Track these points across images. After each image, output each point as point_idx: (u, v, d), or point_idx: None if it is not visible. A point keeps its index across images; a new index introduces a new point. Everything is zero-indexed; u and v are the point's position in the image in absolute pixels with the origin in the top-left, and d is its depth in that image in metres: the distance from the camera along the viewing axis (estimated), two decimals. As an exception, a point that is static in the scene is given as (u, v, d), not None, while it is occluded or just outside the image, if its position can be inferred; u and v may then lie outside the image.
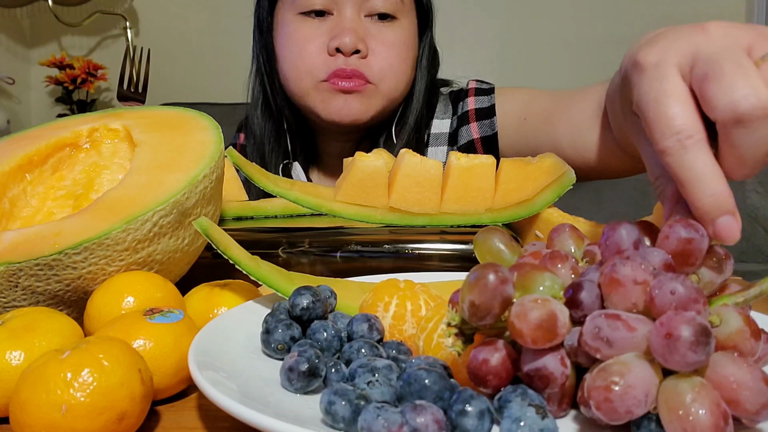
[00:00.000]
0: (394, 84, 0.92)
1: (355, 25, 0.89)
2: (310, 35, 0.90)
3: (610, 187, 1.61)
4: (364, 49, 0.89)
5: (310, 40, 0.90)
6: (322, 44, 0.89)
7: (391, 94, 0.92)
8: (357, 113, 0.90)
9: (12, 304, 0.45)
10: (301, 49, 0.90)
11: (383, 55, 0.90)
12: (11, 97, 2.22)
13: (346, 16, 0.89)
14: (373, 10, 0.90)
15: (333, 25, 0.90)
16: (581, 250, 0.38)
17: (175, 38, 2.20)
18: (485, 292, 0.30)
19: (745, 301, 0.32)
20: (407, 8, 0.94)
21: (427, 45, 0.98)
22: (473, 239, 0.40)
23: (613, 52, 2.01)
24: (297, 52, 0.91)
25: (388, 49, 0.90)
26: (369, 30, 0.90)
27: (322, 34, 0.90)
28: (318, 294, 0.40)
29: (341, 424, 0.29)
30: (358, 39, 0.88)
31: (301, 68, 0.91)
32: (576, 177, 0.60)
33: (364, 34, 0.90)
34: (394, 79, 0.91)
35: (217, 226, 0.46)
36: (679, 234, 0.32)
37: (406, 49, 0.93)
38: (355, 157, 0.63)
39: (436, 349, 0.35)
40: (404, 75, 0.93)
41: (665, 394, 0.27)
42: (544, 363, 0.30)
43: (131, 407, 0.32)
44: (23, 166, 0.56)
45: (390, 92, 0.92)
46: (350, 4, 0.89)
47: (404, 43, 0.92)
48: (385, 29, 0.91)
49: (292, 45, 0.91)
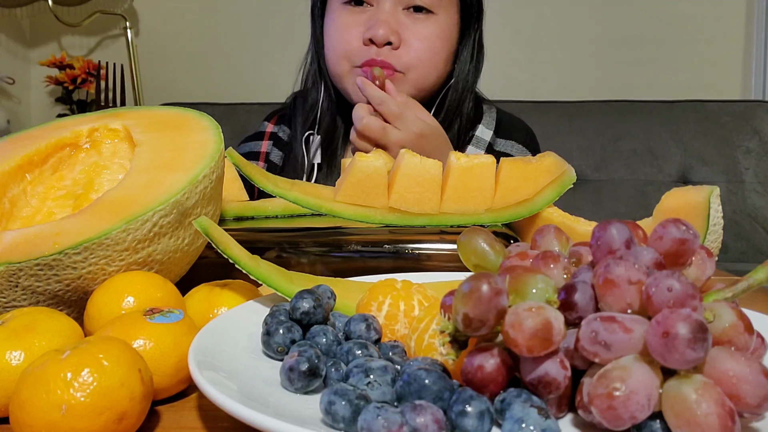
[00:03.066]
0: (423, 75, 0.97)
1: (390, 18, 0.94)
2: (350, 23, 0.97)
3: (610, 187, 1.61)
4: (396, 41, 0.94)
5: (349, 28, 0.97)
6: (359, 33, 0.96)
7: (419, 83, 0.97)
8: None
9: (12, 304, 0.45)
10: (340, 36, 0.98)
11: (414, 47, 0.95)
12: (11, 97, 2.22)
13: (384, 8, 0.95)
14: (411, 2, 0.96)
15: (370, 16, 0.96)
16: (566, 251, 0.37)
17: (176, 38, 2.20)
18: (479, 305, 0.29)
19: (734, 296, 0.32)
20: (447, 3, 0.98)
21: (470, 41, 1.02)
22: (456, 240, 0.39)
23: (613, 52, 2.02)
24: (337, 38, 0.99)
25: (420, 42, 0.96)
26: (403, 22, 0.96)
27: (360, 24, 0.96)
28: (320, 298, 0.40)
29: (341, 424, 0.29)
30: (390, 31, 0.94)
31: (339, 53, 0.98)
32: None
33: (398, 26, 0.95)
34: (423, 71, 0.97)
35: (217, 226, 0.46)
36: (673, 234, 0.32)
37: (441, 42, 0.97)
38: (355, 158, 0.63)
39: (427, 349, 0.35)
40: (435, 67, 0.98)
41: (669, 399, 0.27)
42: (546, 369, 0.30)
43: (131, 407, 0.32)
44: (23, 166, 0.56)
45: (418, 82, 0.97)
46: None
47: (438, 37, 0.97)
48: (420, 22, 0.96)
49: (334, 31, 0.99)
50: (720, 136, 1.60)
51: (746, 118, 1.60)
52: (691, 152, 1.60)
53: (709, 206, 0.56)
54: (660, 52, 2.00)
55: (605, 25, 2.03)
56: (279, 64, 1.89)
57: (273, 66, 1.92)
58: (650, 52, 2.01)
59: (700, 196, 0.57)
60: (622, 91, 1.93)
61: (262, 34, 2.11)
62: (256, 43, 2.08)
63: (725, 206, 0.58)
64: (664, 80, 2.00)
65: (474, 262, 0.38)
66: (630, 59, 2.01)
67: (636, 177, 1.61)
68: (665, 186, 1.24)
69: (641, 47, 2.01)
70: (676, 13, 1.99)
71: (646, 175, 1.61)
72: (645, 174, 1.61)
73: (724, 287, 0.32)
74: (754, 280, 0.31)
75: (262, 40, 2.09)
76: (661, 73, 2.01)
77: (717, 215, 0.56)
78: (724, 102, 1.65)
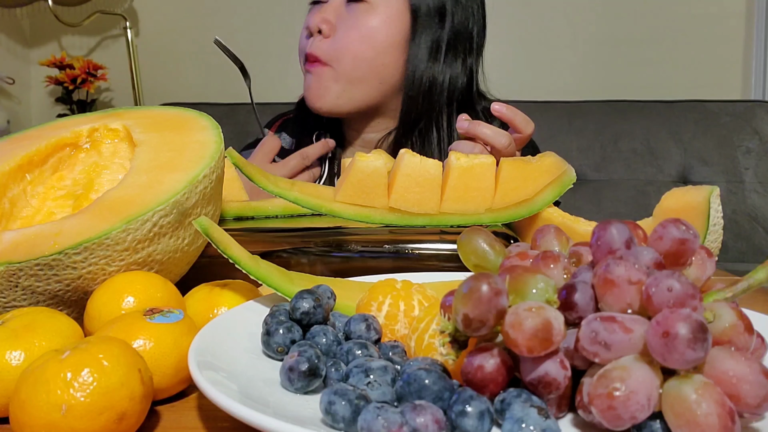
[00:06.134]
0: (350, 65, 0.95)
1: (329, 9, 0.95)
2: (307, 21, 0.99)
3: (610, 187, 1.61)
4: (326, 30, 0.95)
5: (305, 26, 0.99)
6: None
7: (349, 74, 0.96)
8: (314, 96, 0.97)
9: (12, 304, 0.45)
10: (300, 36, 1.00)
11: (342, 35, 0.95)
12: (11, 97, 2.22)
13: (332, 3, 0.96)
14: None
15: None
16: (566, 251, 0.37)
17: (176, 38, 2.20)
18: (479, 305, 0.29)
19: (734, 296, 0.32)
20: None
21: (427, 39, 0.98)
22: (457, 240, 0.39)
23: (613, 52, 2.02)
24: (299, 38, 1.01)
25: (349, 30, 0.95)
26: (342, 14, 0.96)
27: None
28: (320, 298, 0.40)
29: (341, 424, 0.29)
30: (322, 20, 0.95)
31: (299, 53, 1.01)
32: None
33: (336, 18, 0.95)
34: (350, 60, 0.95)
35: (217, 226, 0.46)
36: (673, 234, 0.32)
37: (375, 33, 0.95)
38: (355, 157, 0.63)
39: (427, 349, 0.35)
40: (366, 59, 0.95)
41: (669, 399, 0.27)
42: (546, 370, 0.30)
43: (131, 407, 0.32)
44: (23, 166, 0.56)
45: (348, 73, 0.96)
46: None
47: (373, 28, 0.95)
48: (358, 13, 0.95)
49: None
50: (720, 136, 1.60)
51: (746, 118, 1.60)
52: (691, 152, 1.60)
53: (709, 206, 0.56)
54: (660, 52, 2.00)
55: (605, 25, 2.03)
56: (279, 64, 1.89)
57: (273, 66, 1.92)
58: (650, 52, 2.01)
59: (700, 196, 0.57)
60: (622, 91, 1.93)
61: (262, 34, 2.11)
62: (257, 43, 2.08)
63: (725, 206, 0.58)
64: (663, 80, 2.00)
65: (474, 262, 0.38)
66: (630, 59, 2.01)
67: (636, 177, 1.61)
68: (665, 186, 1.24)
69: (641, 47, 2.01)
70: (676, 13, 1.98)
71: (646, 175, 1.60)
72: (645, 174, 1.61)
73: (724, 287, 0.32)
74: (754, 280, 0.31)
75: (262, 40, 2.09)
76: (661, 73, 2.01)
77: (717, 215, 0.56)
78: (724, 102, 1.64)
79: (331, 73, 0.96)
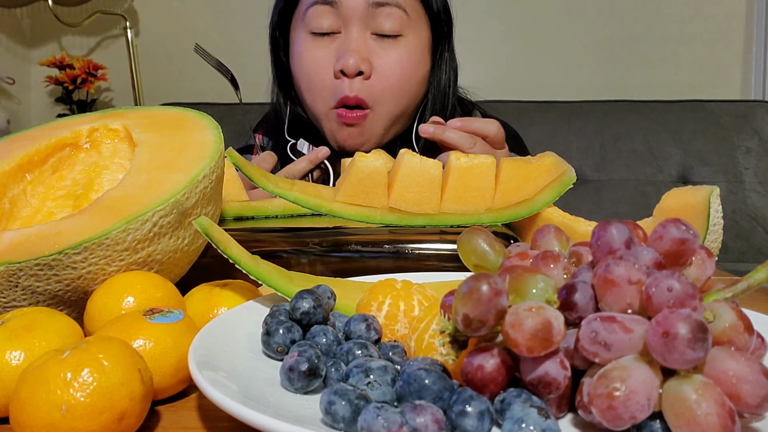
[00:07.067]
0: (392, 105, 0.93)
1: (360, 46, 0.91)
2: (320, 57, 0.93)
3: (610, 187, 1.61)
4: (367, 70, 0.91)
5: (320, 63, 0.93)
6: (330, 65, 0.92)
7: (390, 114, 0.94)
8: (359, 143, 0.94)
9: (12, 304, 0.45)
10: (312, 73, 0.94)
11: (386, 75, 0.92)
12: (11, 97, 2.22)
13: (352, 36, 0.91)
14: (379, 29, 0.91)
15: (339, 45, 0.92)
16: (566, 251, 0.37)
17: (176, 38, 2.20)
18: (479, 305, 0.29)
19: (734, 296, 0.32)
20: (415, 22, 0.94)
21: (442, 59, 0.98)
22: (457, 240, 0.39)
23: (613, 52, 2.02)
24: (310, 75, 0.94)
25: (392, 69, 0.92)
26: (374, 49, 0.92)
27: (330, 55, 0.92)
28: (320, 298, 0.40)
29: (341, 424, 0.29)
30: (361, 59, 0.90)
31: (314, 92, 0.94)
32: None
33: (368, 53, 0.91)
34: (393, 101, 0.93)
35: (217, 226, 0.46)
36: (673, 234, 0.32)
37: (412, 65, 0.94)
38: (355, 158, 0.63)
39: (427, 349, 0.35)
40: (406, 94, 0.94)
41: (669, 399, 0.27)
42: (546, 370, 0.30)
43: (131, 407, 0.32)
44: (23, 166, 0.56)
45: (389, 113, 0.94)
46: (356, 24, 0.91)
47: (409, 60, 0.93)
48: (390, 48, 0.92)
49: (305, 66, 0.94)
50: (720, 136, 1.60)
51: (746, 118, 1.60)
52: (691, 152, 1.60)
53: (709, 206, 0.56)
54: (660, 52, 2.00)
55: (605, 25, 2.03)
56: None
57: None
58: (650, 52, 2.01)
59: (700, 196, 0.57)
60: (621, 91, 1.94)
61: (262, 34, 2.11)
62: (257, 43, 2.07)
63: (725, 206, 0.58)
64: (663, 80, 2.00)
65: (474, 262, 0.38)
66: (630, 59, 2.01)
67: (636, 177, 1.61)
68: (665, 186, 1.24)
69: (641, 47, 2.01)
70: (676, 13, 1.99)
71: (646, 175, 1.61)
72: (645, 174, 1.61)
73: (724, 287, 0.32)
74: (754, 280, 0.31)
75: (262, 40, 2.09)
76: (661, 73, 2.01)
77: (717, 215, 0.56)
78: (724, 102, 1.65)
79: (373, 117, 0.93)
